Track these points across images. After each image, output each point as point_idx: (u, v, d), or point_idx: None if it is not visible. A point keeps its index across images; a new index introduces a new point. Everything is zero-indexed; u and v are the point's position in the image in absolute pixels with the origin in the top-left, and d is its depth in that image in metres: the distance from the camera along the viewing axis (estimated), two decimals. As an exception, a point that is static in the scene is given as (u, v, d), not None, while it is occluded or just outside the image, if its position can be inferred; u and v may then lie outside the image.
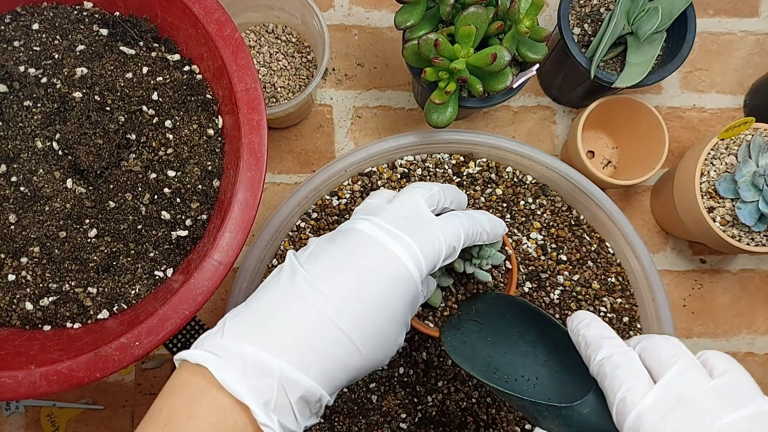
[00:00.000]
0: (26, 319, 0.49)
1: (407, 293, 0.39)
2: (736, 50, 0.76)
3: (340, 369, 0.36)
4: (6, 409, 0.66)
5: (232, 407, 0.33)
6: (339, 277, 0.37)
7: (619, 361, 0.37)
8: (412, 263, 0.39)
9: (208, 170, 0.52)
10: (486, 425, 0.63)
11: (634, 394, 0.35)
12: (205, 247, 0.49)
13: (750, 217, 0.59)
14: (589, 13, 0.65)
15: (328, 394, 0.36)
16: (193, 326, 0.68)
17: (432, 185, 0.45)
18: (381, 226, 0.40)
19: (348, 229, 0.40)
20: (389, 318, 0.38)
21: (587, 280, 0.66)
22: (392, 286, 0.38)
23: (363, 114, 0.73)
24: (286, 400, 0.34)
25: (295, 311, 0.36)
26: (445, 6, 0.55)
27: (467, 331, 0.50)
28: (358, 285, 0.37)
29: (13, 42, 0.51)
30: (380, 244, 0.39)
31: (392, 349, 0.40)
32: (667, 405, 0.34)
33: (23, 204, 0.49)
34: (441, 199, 0.45)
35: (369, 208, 0.43)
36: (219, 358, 0.34)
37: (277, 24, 0.70)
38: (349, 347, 0.36)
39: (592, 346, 0.39)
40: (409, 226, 0.41)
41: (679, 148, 0.74)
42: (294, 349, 0.35)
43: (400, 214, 0.41)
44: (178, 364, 0.36)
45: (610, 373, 0.36)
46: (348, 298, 0.37)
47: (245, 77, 0.50)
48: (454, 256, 0.43)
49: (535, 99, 0.74)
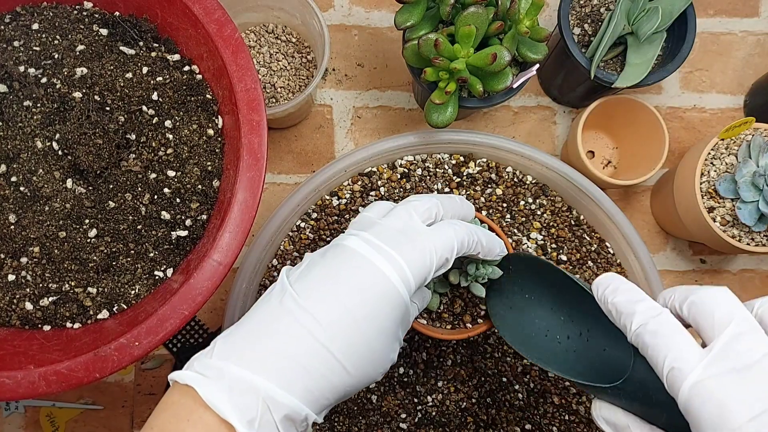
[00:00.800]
0: (26, 319, 0.49)
1: (396, 310, 0.39)
2: (736, 50, 0.76)
3: (326, 388, 0.36)
4: (5, 409, 0.66)
5: (218, 426, 0.34)
6: (326, 296, 0.38)
7: (655, 328, 0.34)
8: (399, 280, 0.39)
9: (207, 170, 0.52)
10: (486, 425, 0.63)
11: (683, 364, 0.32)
12: (205, 247, 0.49)
13: (750, 217, 0.59)
14: (589, 13, 0.65)
15: (314, 413, 0.36)
16: (192, 326, 0.68)
17: (430, 197, 0.44)
18: (370, 242, 0.40)
19: (338, 245, 0.40)
20: (377, 335, 0.38)
21: (587, 280, 0.66)
22: (380, 304, 0.38)
23: (363, 114, 0.73)
24: (270, 419, 0.34)
25: (282, 331, 0.37)
26: (445, 6, 0.55)
27: (510, 293, 0.49)
28: (345, 303, 0.37)
29: (13, 42, 0.51)
30: (368, 261, 0.39)
31: (383, 366, 0.40)
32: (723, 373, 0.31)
33: (23, 204, 0.49)
34: (439, 212, 0.44)
35: (362, 222, 0.42)
36: (206, 378, 0.35)
37: (277, 24, 0.70)
38: (336, 366, 0.36)
39: (624, 313, 0.36)
40: (401, 239, 0.40)
41: (679, 148, 0.74)
42: (279, 369, 0.35)
43: (392, 227, 0.41)
44: (171, 383, 0.37)
45: (650, 342, 0.34)
46: (334, 317, 0.37)
47: (245, 77, 0.50)
48: (447, 266, 0.42)
49: (535, 99, 0.74)
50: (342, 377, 0.37)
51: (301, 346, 0.36)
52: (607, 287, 0.38)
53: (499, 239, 0.48)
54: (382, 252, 0.39)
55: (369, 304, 0.38)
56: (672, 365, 0.32)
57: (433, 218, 0.44)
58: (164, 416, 0.35)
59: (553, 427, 0.63)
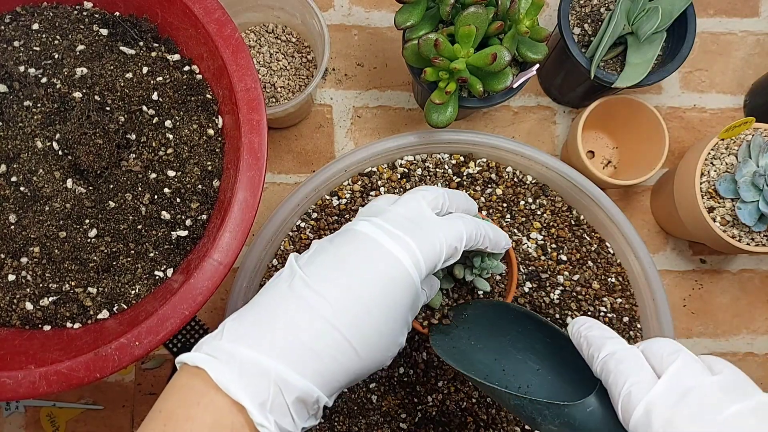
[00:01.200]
0: (26, 319, 0.49)
1: (407, 294, 0.39)
2: (736, 50, 0.76)
3: (337, 370, 0.36)
4: (6, 409, 0.66)
5: (230, 408, 0.33)
6: (336, 279, 0.37)
7: (622, 356, 0.37)
8: (411, 264, 0.39)
9: (208, 170, 0.52)
10: (486, 425, 0.63)
11: (639, 387, 0.35)
12: (205, 247, 0.49)
13: (750, 217, 0.59)
14: (589, 13, 0.65)
15: (326, 396, 0.36)
16: (193, 326, 0.68)
17: (437, 189, 0.45)
18: (381, 227, 0.40)
19: (348, 230, 0.41)
20: (388, 319, 0.38)
21: (587, 280, 0.66)
22: (391, 287, 0.38)
23: (363, 114, 0.73)
24: (282, 401, 0.34)
25: (292, 313, 0.36)
26: (445, 6, 0.55)
27: (456, 337, 0.49)
28: (356, 286, 0.37)
29: (13, 42, 0.51)
30: (379, 245, 0.39)
31: (393, 350, 0.40)
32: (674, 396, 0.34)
33: (23, 204, 0.49)
34: (445, 203, 0.45)
35: (372, 210, 0.43)
36: (217, 360, 0.34)
37: (277, 24, 0.70)
38: (347, 348, 0.36)
39: (594, 345, 0.39)
40: (411, 226, 0.40)
41: (679, 148, 0.74)
42: (290, 351, 0.35)
43: (402, 215, 0.41)
44: (179, 366, 0.36)
45: (614, 368, 0.37)
46: (345, 299, 0.37)
47: (245, 77, 0.50)
48: (456, 257, 0.42)
49: (535, 99, 0.74)
50: (352, 360, 0.37)
51: (311, 329, 0.36)
52: (584, 324, 0.42)
53: (503, 232, 0.48)
54: (394, 236, 0.39)
55: (381, 287, 0.37)
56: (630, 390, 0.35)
57: (440, 208, 0.44)
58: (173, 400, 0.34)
59: (553, 427, 0.63)
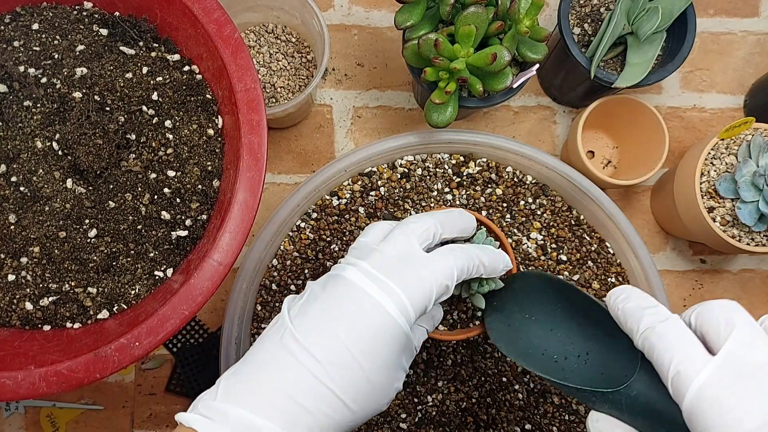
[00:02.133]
0: (26, 319, 0.49)
1: (395, 343, 0.39)
2: (736, 50, 0.76)
3: (329, 426, 0.37)
4: (6, 410, 0.66)
5: None
6: (325, 333, 0.38)
7: (663, 330, 0.34)
8: (398, 312, 0.39)
9: (207, 170, 0.52)
10: (486, 425, 0.63)
11: (689, 366, 0.32)
12: (205, 247, 0.49)
13: (750, 217, 0.59)
14: (589, 13, 0.65)
15: None
16: (192, 326, 0.68)
17: (428, 218, 0.44)
18: (368, 273, 0.40)
19: (337, 276, 0.40)
20: (379, 368, 0.38)
21: (587, 280, 0.66)
22: (379, 338, 0.38)
23: (363, 114, 0.73)
24: None
25: (283, 371, 0.37)
26: (445, 6, 0.55)
27: (509, 312, 0.49)
28: (344, 340, 0.37)
29: (13, 42, 0.51)
30: (366, 295, 0.39)
31: (387, 397, 0.40)
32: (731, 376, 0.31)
33: (23, 204, 0.49)
34: (437, 232, 0.44)
35: (362, 248, 0.42)
36: (210, 421, 0.35)
37: (277, 24, 0.70)
38: (337, 404, 0.37)
39: (632, 317, 0.36)
40: (399, 267, 0.40)
41: (679, 148, 0.74)
42: (281, 410, 0.35)
43: (390, 255, 0.41)
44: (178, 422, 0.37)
45: (657, 343, 0.34)
46: (334, 355, 0.37)
47: (245, 77, 0.50)
48: (448, 294, 0.42)
49: (535, 99, 0.74)
50: (344, 414, 0.37)
51: (301, 386, 0.36)
52: (620, 295, 0.38)
53: (503, 253, 0.47)
54: (381, 284, 0.39)
55: (368, 339, 0.38)
56: (678, 369, 0.32)
57: (432, 239, 0.43)
58: None
59: (553, 427, 0.63)
